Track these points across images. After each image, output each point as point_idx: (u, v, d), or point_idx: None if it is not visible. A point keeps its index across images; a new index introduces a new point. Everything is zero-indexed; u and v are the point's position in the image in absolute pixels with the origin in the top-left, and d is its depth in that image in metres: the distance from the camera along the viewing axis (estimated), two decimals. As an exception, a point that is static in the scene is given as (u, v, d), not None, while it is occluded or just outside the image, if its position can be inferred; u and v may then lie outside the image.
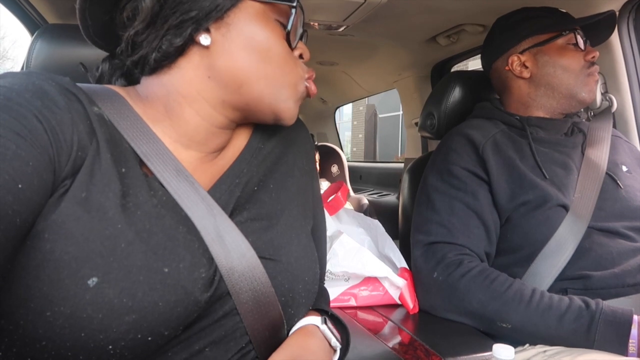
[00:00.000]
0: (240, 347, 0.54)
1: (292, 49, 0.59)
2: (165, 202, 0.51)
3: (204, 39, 0.53)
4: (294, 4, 0.57)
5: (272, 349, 0.56)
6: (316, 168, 0.73)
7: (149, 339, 0.45)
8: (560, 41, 1.05)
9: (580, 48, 1.04)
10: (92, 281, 0.43)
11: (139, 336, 0.45)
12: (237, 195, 0.58)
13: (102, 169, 0.47)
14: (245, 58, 0.55)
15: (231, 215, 0.56)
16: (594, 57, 1.04)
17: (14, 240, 0.41)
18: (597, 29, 1.09)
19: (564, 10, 1.09)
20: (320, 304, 0.68)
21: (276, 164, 0.65)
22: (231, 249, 0.52)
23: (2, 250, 0.40)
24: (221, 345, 0.52)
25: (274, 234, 0.58)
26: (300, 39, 0.61)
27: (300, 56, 0.62)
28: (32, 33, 1.51)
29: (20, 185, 0.40)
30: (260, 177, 0.62)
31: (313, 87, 0.62)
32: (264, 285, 0.54)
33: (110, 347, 0.43)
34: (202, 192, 0.53)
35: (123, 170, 0.49)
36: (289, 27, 0.58)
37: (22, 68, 0.87)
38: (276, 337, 0.57)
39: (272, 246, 0.57)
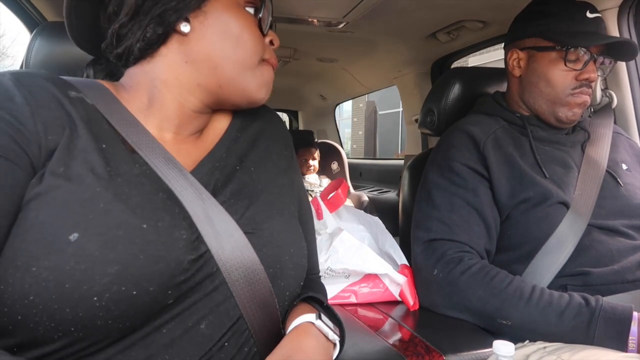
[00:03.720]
0: (232, 322, 0.56)
1: (264, 35, 0.65)
2: (148, 175, 0.55)
3: (184, 26, 0.58)
4: None
5: (264, 325, 0.59)
6: (294, 154, 0.77)
7: (134, 292, 0.47)
8: (554, 54, 0.99)
9: (577, 67, 0.98)
10: (74, 236, 0.46)
11: (123, 288, 0.47)
12: (216, 177, 0.62)
13: (80, 146, 0.51)
14: (220, 43, 0.60)
15: (213, 196, 0.59)
16: (587, 79, 0.98)
17: (4, 236, 0.47)
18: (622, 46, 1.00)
19: (592, 16, 0.98)
20: (316, 293, 0.70)
21: (254, 147, 0.69)
22: (220, 229, 0.55)
23: None
24: (215, 321, 0.54)
25: (255, 211, 0.61)
26: (270, 27, 0.67)
27: (271, 42, 0.67)
28: (31, 31, 1.51)
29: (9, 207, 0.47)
30: (241, 160, 0.66)
31: (271, 69, 0.67)
32: (253, 262, 0.57)
33: (95, 298, 0.46)
34: (190, 177, 0.57)
35: (103, 146, 0.53)
36: (260, 15, 0.64)
37: (22, 66, 0.88)
38: (267, 311, 0.59)
39: (254, 221, 0.60)
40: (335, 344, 0.63)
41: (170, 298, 0.51)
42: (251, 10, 0.63)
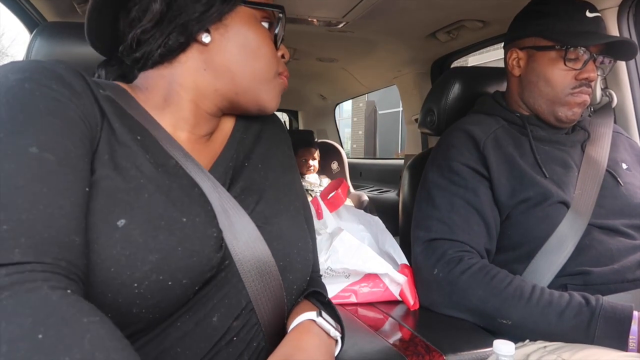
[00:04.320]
0: (244, 315, 0.57)
1: (277, 48, 0.68)
2: (180, 167, 0.58)
3: (205, 37, 0.61)
4: (281, 11, 0.67)
5: (273, 319, 0.60)
6: (293, 155, 0.80)
7: (169, 283, 0.50)
8: (554, 54, 0.99)
9: (576, 66, 0.98)
10: (121, 222, 0.49)
11: (161, 278, 0.49)
12: (229, 177, 0.65)
13: (118, 138, 0.54)
14: (239, 55, 0.63)
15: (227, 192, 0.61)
16: (587, 78, 0.98)
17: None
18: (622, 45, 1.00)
19: (592, 15, 0.98)
20: (317, 289, 0.71)
21: (258, 146, 0.72)
22: (234, 222, 0.58)
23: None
24: (227, 313, 0.56)
25: (265, 206, 0.64)
26: (281, 41, 0.70)
27: (282, 56, 0.71)
28: (31, 31, 1.51)
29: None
30: (248, 158, 0.69)
31: (285, 82, 0.71)
32: (265, 254, 0.59)
33: (135, 285, 0.48)
34: (206, 172, 0.60)
35: (139, 137, 0.56)
36: (277, 31, 0.68)
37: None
38: (276, 304, 0.61)
39: (264, 216, 0.63)
40: (336, 341, 0.64)
41: (194, 293, 0.53)
42: (266, 25, 0.67)
